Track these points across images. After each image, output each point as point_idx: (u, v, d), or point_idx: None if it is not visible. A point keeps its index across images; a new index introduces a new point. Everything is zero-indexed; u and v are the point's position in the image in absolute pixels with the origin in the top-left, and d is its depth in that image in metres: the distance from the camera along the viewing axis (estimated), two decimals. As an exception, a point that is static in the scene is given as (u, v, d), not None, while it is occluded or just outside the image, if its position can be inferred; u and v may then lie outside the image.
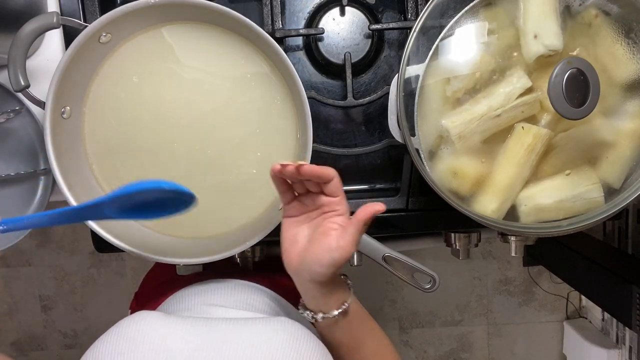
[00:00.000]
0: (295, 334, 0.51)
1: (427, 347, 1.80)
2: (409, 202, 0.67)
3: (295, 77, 0.56)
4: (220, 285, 0.65)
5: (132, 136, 0.60)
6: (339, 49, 0.68)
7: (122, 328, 0.50)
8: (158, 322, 0.51)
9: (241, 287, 0.65)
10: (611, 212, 0.54)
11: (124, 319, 0.52)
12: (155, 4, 0.55)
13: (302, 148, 0.60)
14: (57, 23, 0.54)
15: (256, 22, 0.55)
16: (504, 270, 1.76)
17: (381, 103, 0.68)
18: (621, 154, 0.54)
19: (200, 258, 0.59)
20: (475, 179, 0.56)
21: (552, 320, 1.77)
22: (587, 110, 0.49)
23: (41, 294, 1.76)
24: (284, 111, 0.60)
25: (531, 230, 0.57)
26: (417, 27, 0.55)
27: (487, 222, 0.56)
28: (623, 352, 1.50)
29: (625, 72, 0.53)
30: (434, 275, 0.60)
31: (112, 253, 0.65)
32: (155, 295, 0.70)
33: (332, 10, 0.68)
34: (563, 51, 0.53)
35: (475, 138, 0.55)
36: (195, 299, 0.62)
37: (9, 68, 0.54)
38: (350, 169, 0.71)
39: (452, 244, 0.72)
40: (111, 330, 0.50)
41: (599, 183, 0.54)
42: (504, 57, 0.55)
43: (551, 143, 0.54)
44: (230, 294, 0.63)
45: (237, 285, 0.65)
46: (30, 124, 0.66)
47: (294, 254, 0.50)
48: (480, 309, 1.78)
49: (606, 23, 0.54)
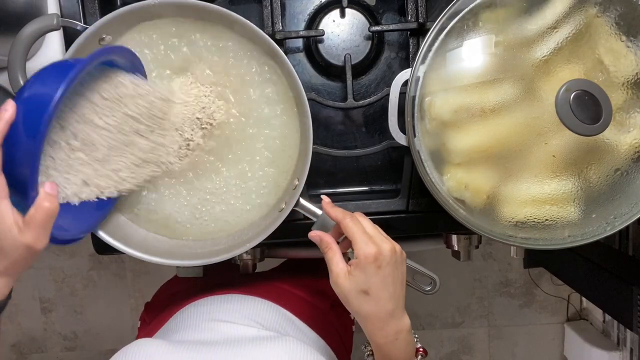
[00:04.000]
0: (298, 356, 0.50)
1: (428, 349, 1.79)
2: (410, 204, 0.67)
3: (295, 78, 0.56)
4: (225, 299, 0.65)
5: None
6: (339, 51, 0.68)
7: (124, 357, 0.50)
8: (159, 351, 0.51)
9: (247, 302, 0.65)
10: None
11: (126, 347, 0.52)
12: (155, 5, 0.55)
13: (303, 150, 0.59)
14: (57, 25, 0.54)
15: (256, 24, 0.55)
16: (504, 272, 1.76)
17: (381, 105, 0.68)
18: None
19: (200, 260, 0.59)
20: (485, 191, 0.56)
21: (553, 322, 1.77)
22: (603, 125, 0.50)
23: (41, 296, 1.76)
24: (285, 112, 0.60)
25: (533, 244, 0.57)
26: (436, 28, 0.55)
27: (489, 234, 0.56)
28: (624, 353, 1.50)
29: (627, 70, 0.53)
30: (434, 277, 0.60)
31: (111, 255, 0.65)
32: (163, 308, 0.70)
33: (332, 12, 0.68)
34: (562, 57, 0.53)
35: (479, 142, 0.55)
36: (201, 316, 0.63)
37: (9, 70, 0.54)
38: (350, 171, 0.71)
39: (452, 245, 0.72)
40: (114, 357, 0.50)
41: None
42: (505, 64, 0.55)
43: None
44: (236, 310, 0.63)
45: (243, 300, 0.65)
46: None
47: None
48: (481, 310, 1.78)
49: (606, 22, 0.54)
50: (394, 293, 0.50)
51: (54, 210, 0.44)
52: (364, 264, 0.49)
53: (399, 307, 0.51)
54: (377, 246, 0.49)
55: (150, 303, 0.79)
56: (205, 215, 0.62)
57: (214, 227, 0.62)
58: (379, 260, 0.49)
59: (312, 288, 0.75)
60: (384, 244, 0.50)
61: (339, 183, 0.71)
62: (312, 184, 0.70)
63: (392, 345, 0.52)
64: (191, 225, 0.62)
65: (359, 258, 0.49)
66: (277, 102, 0.60)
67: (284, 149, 0.61)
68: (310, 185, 0.69)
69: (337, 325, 0.73)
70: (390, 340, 0.51)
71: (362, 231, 0.50)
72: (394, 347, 0.52)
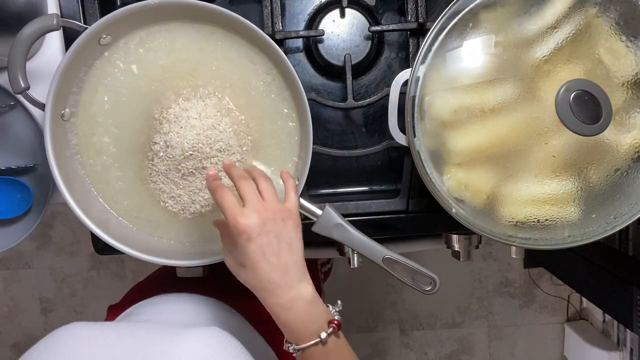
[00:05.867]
0: (218, 345, 0.48)
1: (428, 350, 1.80)
2: (409, 204, 0.66)
3: (295, 78, 0.56)
4: (173, 297, 0.64)
5: (124, 138, 0.60)
6: (339, 51, 0.68)
7: (47, 339, 0.48)
8: (90, 331, 0.49)
9: (192, 299, 0.64)
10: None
11: (55, 331, 0.49)
12: (155, 5, 0.55)
13: (303, 150, 0.59)
14: (57, 25, 0.54)
15: (256, 24, 0.55)
16: (504, 272, 1.76)
17: (381, 105, 0.68)
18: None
19: (200, 260, 0.59)
20: (485, 191, 0.56)
21: (553, 322, 1.77)
22: (603, 125, 0.50)
23: (41, 297, 1.76)
24: (285, 112, 0.60)
25: (533, 244, 0.57)
26: (436, 28, 0.55)
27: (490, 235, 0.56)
28: (624, 353, 1.50)
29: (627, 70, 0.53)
30: (434, 277, 0.60)
31: (111, 255, 0.65)
32: (121, 309, 0.68)
33: (332, 12, 0.68)
34: (562, 57, 0.53)
35: (480, 143, 0.55)
36: (145, 311, 0.62)
37: (9, 70, 0.54)
38: (350, 171, 0.71)
39: (452, 245, 0.72)
40: (40, 341, 0.48)
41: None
42: (505, 64, 0.55)
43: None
44: (180, 309, 0.62)
45: (191, 298, 0.64)
46: (26, 120, 0.66)
47: None
48: (481, 311, 1.78)
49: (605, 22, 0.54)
50: (277, 263, 0.49)
51: None
52: (234, 238, 0.48)
53: (289, 275, 0.49)
54: (244, 218, 0.48)
55: (116, 302, 0.77)
56: (207, 215, 0.62)
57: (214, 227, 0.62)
58: (247, 232, 0.47)
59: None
60: (253, 215, 0.48)
61: (339, 183, 0.71)
62: (312, 184, 0.70)
63: (286, 315, 0.49)
64: (192, 226, 0.62)
65: (230, 231, 0.48)
66: (277, 102, 0.60)
67: (284, 148, 0.61)
68: (310, 185, 0.69)
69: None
70: (285, 309, 0.49)
71: (234, 203, 0.49)
72: (288, 316, 0.49)
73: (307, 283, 0.51)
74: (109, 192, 0.61)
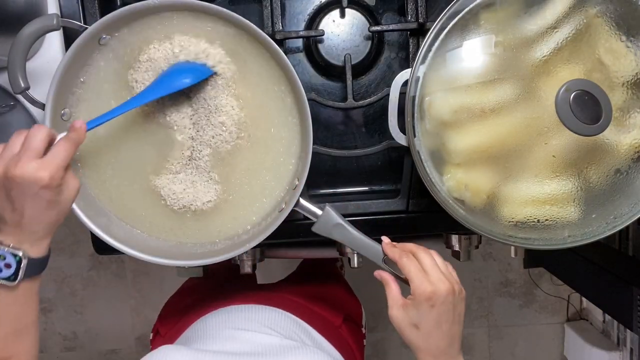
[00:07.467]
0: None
1: (428, 349, 1.80)
2: (410, 204, 0.66)
3: (295, 79, 0.56)
4: (243, 309, 0.66)
5: (124, 137, 0.60)
6: (339, 51, 0.68)
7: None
8: (184, 358, 0.51)
9: (264, 311, 0.66)
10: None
11: (150, 354, 0.52)
12: (155, 5, 0.55)
13: (303, 150, 0.59)
14: (57, 25, 0.54)
15: (256, 24, 0.55)
16: (504, 272, 1.76)
17: (381, 105, 0.68)
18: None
19: (200, 260, 0.59)
20: (485, 191, 0.56)
21: (553, 322, 1.77)
22: (603, 125, 0.50)
23: (41, 297, 1.75)
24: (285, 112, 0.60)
25: (533, 244, 0.57)
26: (436, 28, 0.55)
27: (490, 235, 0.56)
28: (624, 354, 1.50)
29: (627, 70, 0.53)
30: (434, 277, 0.60)
31: (111, 255, 0.65)
32: (178, 319, 0.70)
33: (332, 12, 0.68)
34: (562, 57, 0.53)
35: (479, 142, 0.55)
36: (221, 324, 0.63)
37: (9, 70, 0.54)
38: (350, 171, 0.71)
39: (452, 245, 0.72)
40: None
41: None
42: (505, 64, 0.55)
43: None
44: (255, 319, 0.64)
45: (260, 310, 0.66)
46: (26, 120, 0.66)
47: None
48: (481, 311, 1.78)
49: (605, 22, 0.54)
50: (448, 332, 0.52)
51: (78, 139, 0.47)
52: (418, 300, 0.51)
53: (452, 345, 0.53)
54: (432, 285, 0.51)
55: (163, 314, 0.78)
56: (207, 216, 0.62)
57: (215, 228, 0.62)
58: (433, 299, 0.50)
59: (325, 302, 0.75)
60: (441, 283, 0.51)
61: (339, 183, 0.71)
62: (312, 184, 0.70)
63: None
64: (192, 226, 0.62)
65: (414, 295, 0.51)
66: (277, 102, 0.60)
67: (284, 148, 0.61)
68: (310, 185, 0.69)
69: (349, 339, 0.73)
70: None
71: (418, 269, 0.52)
72: None
73: (462, 356, 0.55)
74: (108, 192, 0.61)
